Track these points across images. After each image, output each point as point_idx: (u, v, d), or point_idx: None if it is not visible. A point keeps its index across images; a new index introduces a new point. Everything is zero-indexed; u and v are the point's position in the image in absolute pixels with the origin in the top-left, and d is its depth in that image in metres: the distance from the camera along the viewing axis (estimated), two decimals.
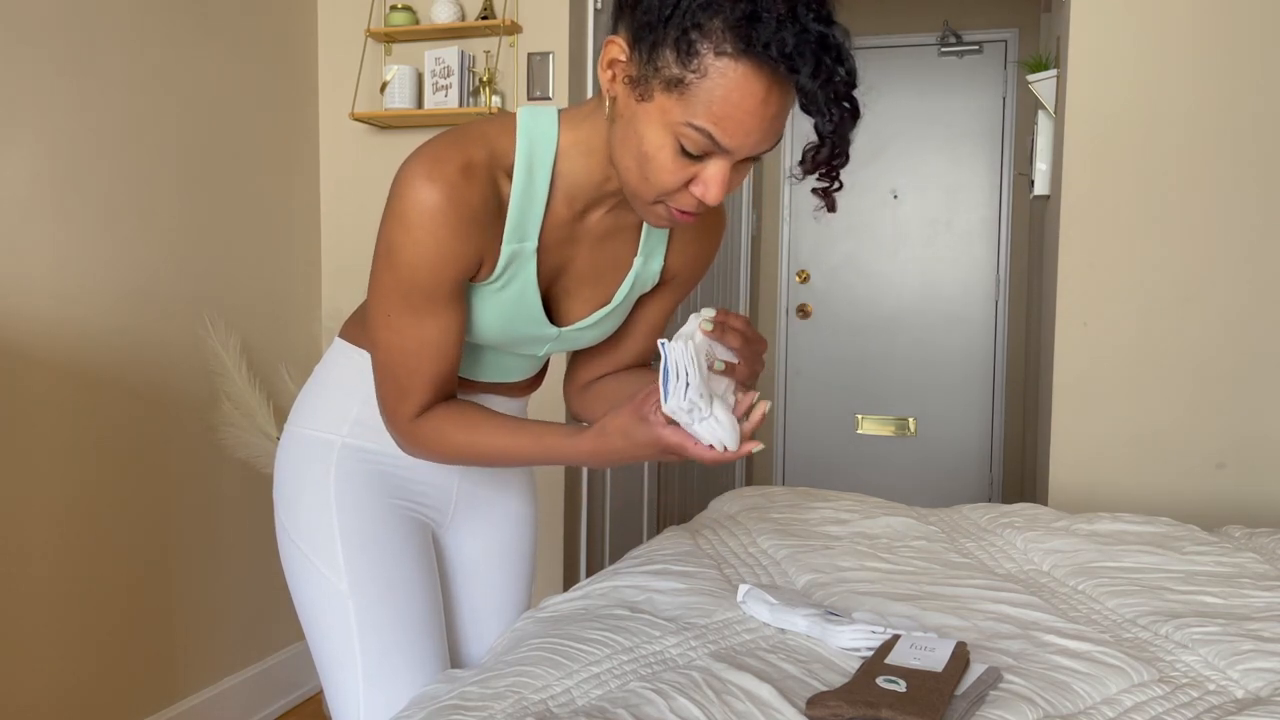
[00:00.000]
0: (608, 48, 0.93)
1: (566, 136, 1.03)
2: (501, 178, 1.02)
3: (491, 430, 1.06)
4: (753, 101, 0.87)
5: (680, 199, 0.96)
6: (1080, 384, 2.33)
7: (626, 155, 0.95)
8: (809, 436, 4.53)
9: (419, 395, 1.06)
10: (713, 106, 0.88)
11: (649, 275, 1.17)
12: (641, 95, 0.91)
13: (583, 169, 1.04)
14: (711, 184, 0.93)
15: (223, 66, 2.38)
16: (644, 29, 0.89)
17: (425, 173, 0.97)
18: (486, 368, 1.20)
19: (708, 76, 0.87)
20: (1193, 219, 2.24)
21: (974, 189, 4.27)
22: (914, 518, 1.72)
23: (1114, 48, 2.26)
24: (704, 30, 0.85)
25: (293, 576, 1.20)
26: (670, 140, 0.91)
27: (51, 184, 1.95)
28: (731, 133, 0.89)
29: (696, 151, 0.91)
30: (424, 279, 1.00)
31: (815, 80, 0.85)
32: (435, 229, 0.97)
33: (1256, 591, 1.34)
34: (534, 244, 1.05)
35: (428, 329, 1.03)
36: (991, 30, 4.21)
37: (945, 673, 0.99)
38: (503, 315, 1.09)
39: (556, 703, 0.98)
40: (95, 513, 2.06)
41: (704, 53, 0.86)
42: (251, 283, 2.51)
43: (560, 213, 1.06)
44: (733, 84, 0.86)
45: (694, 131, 0.89)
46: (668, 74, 0.88)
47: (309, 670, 2.68)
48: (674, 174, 0.93)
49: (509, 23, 2.52)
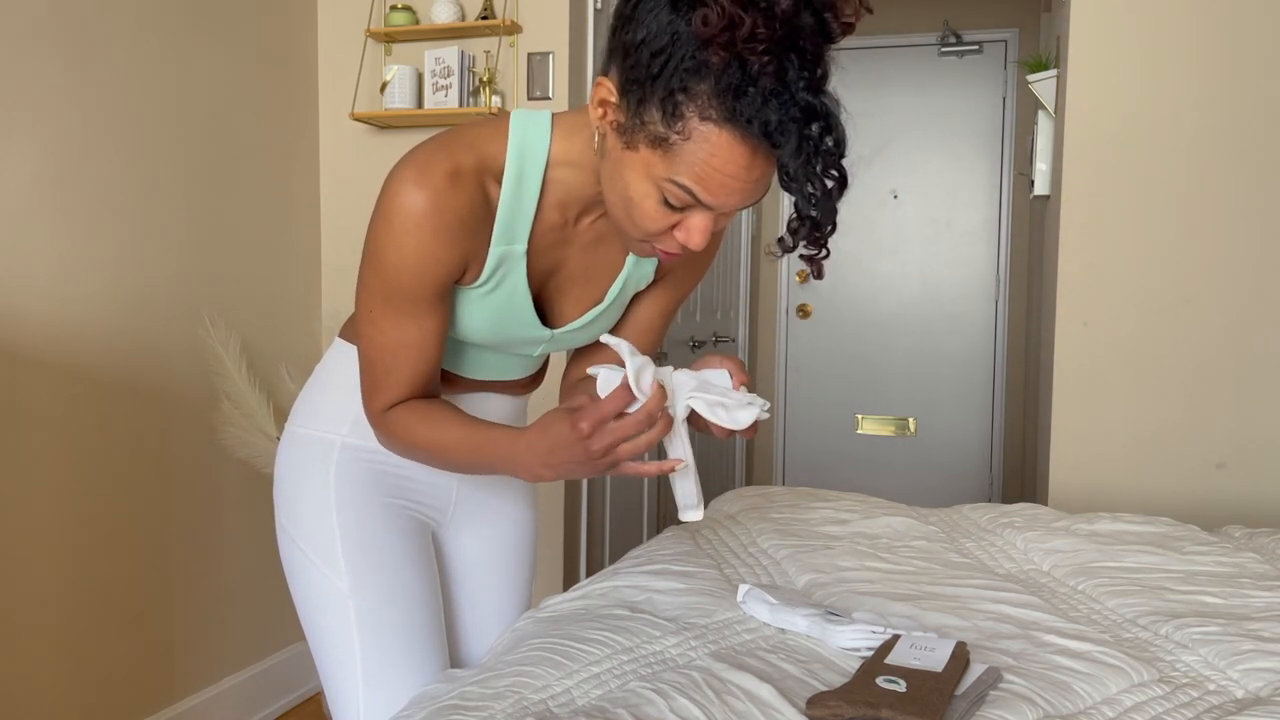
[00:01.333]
0: (598, 88, 0.93)
1: (559, 145, 1.03)
2: (490, 183, 1.02)
3: (448, 427, 1.05)
4: (735, 167, 0.87)
5: (664, 241, 0.97)
6: (1080, 384, 2.33)
7: (613, 193, 0.96)
8: (809, 436, 4.53)
9: (394, 391, 1.07)
10: (695, 167, 0.88)
11: (641, 276, 1.17)
12: (628, 144, 0.91)
13: (574, 179, 1.04)
14: (694, 232, 0.94)
15: (223, 66, 2.38)
16: (632, 83, 0.88)
17: (413, 177, 0.97)
18: (483, 366, 1.20)
19: (691, 139, 0.87)
20: (1193, 219, 2.24)
21: (974, 189, 4.27)
22: (914, 518, 1.72)
23: (1114, 48, 2.26)
24: (690, 94, 0.85)
25: (293, 576, 1.20)
26: (654, 191, 0.91)
27: (51, 184, 1.95)
28: (714, 193, 0.89)
29: (679, 205, 0.92)
30: (407, 282, 1.00)
31: (798, 158, 0.84)
32: (420, 234, 0.98)
33: (1256, 591, 1.34)
34: (523, 247, 1.05)
35: (408, 330, 1.04)
36: (991, 30, 4.21)
37: (945, 673, 0.99)
38: (493, 317, 1.09)
39: (556, 703, 0.98)
40: (95, 513, 2.06)
41: (689, 116, 0.86)
42: (251, 283, 2.51)
43: (552, 217, 1.06)
44: (715, 149, 0.86)
45: (676, 188, 0.90)
46: (653, 130, 0.88)
47: (309, 670, 2.68)
48: (657, 221, 0.93)
49: (509, 23, 2.52)
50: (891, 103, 4.30)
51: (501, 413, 1.26)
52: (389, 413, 1.08)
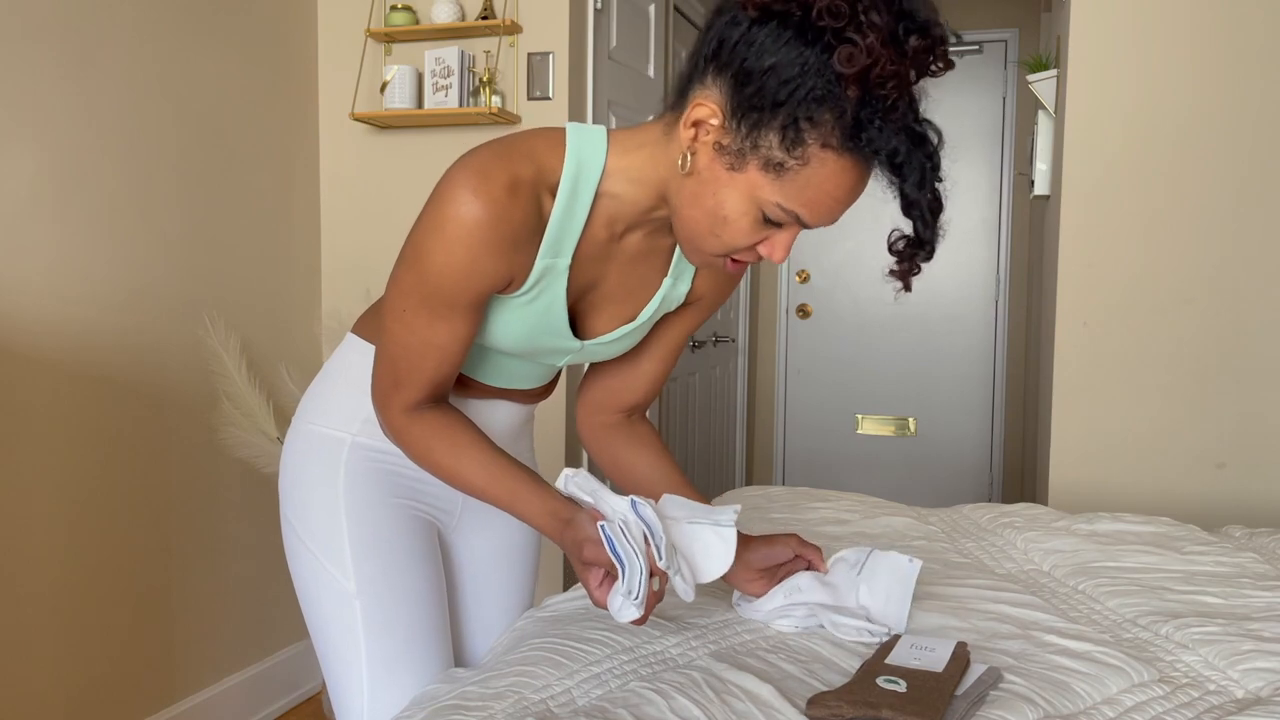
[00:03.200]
0: (697, 108, 0.93)
1: (615, 161, 1.03)
2: (545, 195, 1.01)
3: (472, 464, 1.06)
4: (844, 191, 0.92)
5: (742, 254, 0.99)
6: (1080, 384, 2.33)
7: (698, 210, 0.96)
8: (809, 436, 4.53)
9: (414, 391, 1.06)
10: (807, 192, 0.91)
11: (676, 297, 1.17)
12: (732, 166, 0.92)
13: (629, 195, 1.03)
14: (779, 247, 0.97)
15: (223, 66, 2.38)
16: (750, 108, 0.89)
17: (472, 185, 0.96)
18: (503, 373, 1.19)
19: (809, 165, 0.89)
20: (1193, 219, 2.24)
21: (974, 189, 4.27)
22: (914, 518, 1.72)
23: (1114, 48, 2.26)
24: (815, 122, 0.88)
25: (298, 573, 1.19)
26: (754, 210, 0.94)
27: (51, 184, 1.95)
28: (819, 215, 0.93)
29: (779, 222, 0.94)
30: (449, 288, 0.99)
31: (921, 187, 0.90)
32: (472, 244, 0.97)
33: (1256, 591, 1.34)
34: (568, 260, 1.05)
35: (439, 333, 1.03)
36: (991, 30, 4.21)
37: (945, 673, 0.99)
38: (527, 326, 1.09)
39: (557, 702, 0.98)
40: (95, 513, 2.06)
41: (810, 143, 0.88)
42: (251, 283, 2.51)
43: (599, 233, 1.06)
44: (830, 174, 0.90)
45: (781, 210, 0.93)
46: (768, 154, 0.90)
47: (309, 670, 2.68)
48: (749, 237, 0.96)
49: (509, 23, 2.52)
50: None
51: (508, 419, 1.25)
52: (410, 422, 1.07)
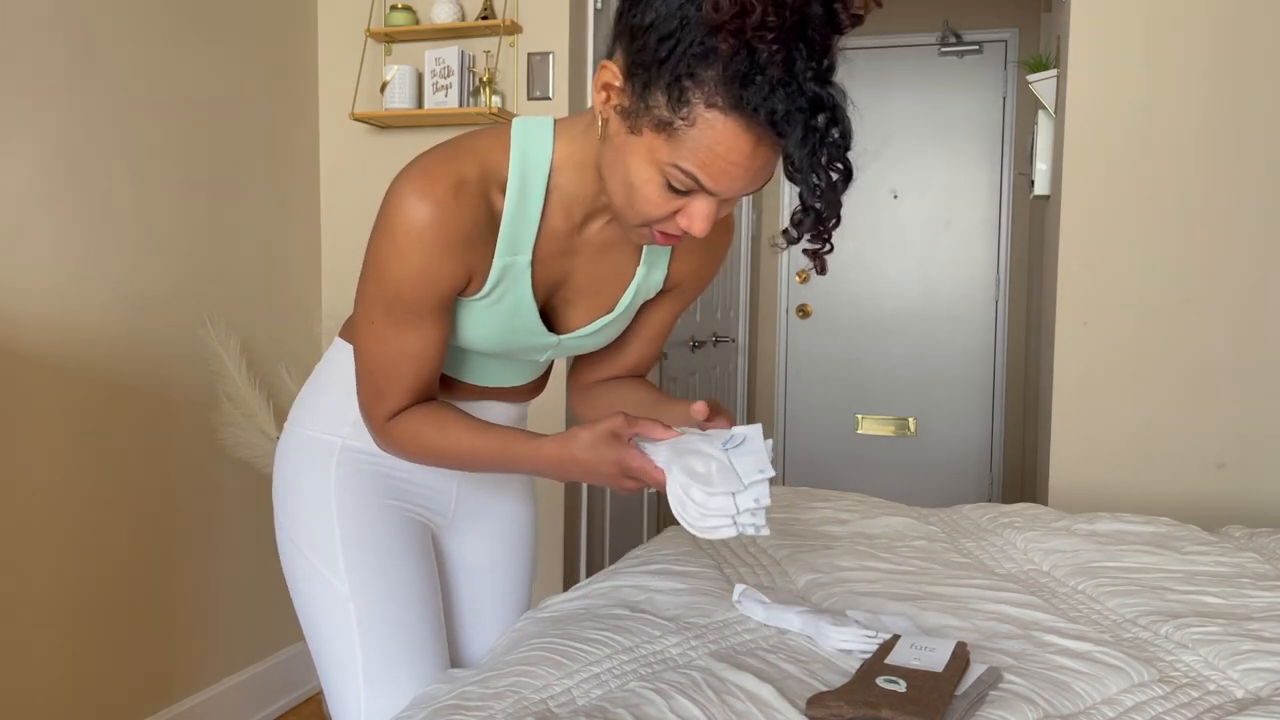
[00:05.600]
0: (602, 71, 0.92)
1: (562, 149, 1.03)
2: (495, 193, 1.01)
3: (461, 431, 1.06)
4: (738, 155, 0.87)
5: (666, 225, 0.96)
6: (1080, 384, 2.33)
7: (614, 179, 0.95)
8: (809, 436, 4.53)
9: (395, 399, 1.07)
10: (699, 153, 0.87)
11: (652, 284, 1.16)
12: (631, 128, 0.91)
13: (578, 182, 1.03)
14: (697, 218, 0.93)
15: (223, 66, 2.38)
16: (639, 66, 0.88)
17: (417, 190, 0.96)
18: (486, 373, 1.20)
19: (696, 125, 0.86)
20: (1193, 218, 2.24)
21: (974, 189, 4.27)
22: (914, 518, 1.72)
23: (1114, 48, 2.26)
24: (697, 80, 0.85)
25: (293, 577, 1.20)
26: (657, 175, 0.91)
27: (52, 184, 1.95)
28: (717, 179, 0.89)
29: (683, 189, 0.91)
30: (409, 294, 1.00)
31: (804, 148, 0.84)
32: (424, 247, 0.97)
33: (1256, 591, 1.34)
34: (528, 257, 1.05)
35: (410, 340, 1.03)
36: (991, 30, 4.21)
37: (945, 673, 0.99)
38: (499, 327, 1.09)
39: (556, 703, 0.98)
40: (95, 513, 2.06)
41: (695, 102, 0.85)
42: (251, 283, 2.50)
43: (557, 225, 1.06)
44: (720, 136, 0.86)
45: (680, 173, 0.89)
46: (658, 114, 0.88)
47: (309, 670, 2.68)
48: (659, 206, 0.93)
49: (509, 23, 2.52)
50: (891, 102, 4.29)
51: (500, 420, 1.25)
52: (392, 421, 1.08)
